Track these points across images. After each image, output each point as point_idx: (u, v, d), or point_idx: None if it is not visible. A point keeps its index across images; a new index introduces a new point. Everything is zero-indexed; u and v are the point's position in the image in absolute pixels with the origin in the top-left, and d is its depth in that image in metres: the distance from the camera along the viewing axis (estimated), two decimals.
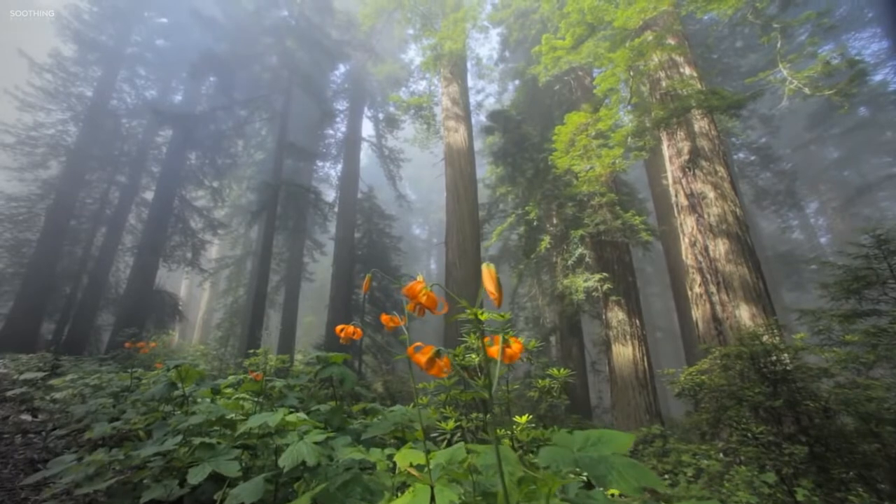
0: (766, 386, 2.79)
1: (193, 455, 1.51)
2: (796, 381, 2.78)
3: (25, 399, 3.19)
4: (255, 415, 1.48)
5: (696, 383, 3.21)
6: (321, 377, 1.59)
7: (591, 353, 11.32)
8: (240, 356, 10.77)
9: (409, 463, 1.07)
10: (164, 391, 1.91)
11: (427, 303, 0.97)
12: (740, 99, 5.93)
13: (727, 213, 6.33)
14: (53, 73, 14.64)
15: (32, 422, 2.95)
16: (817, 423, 2.57)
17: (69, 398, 2.98)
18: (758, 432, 2.52)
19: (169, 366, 1.95)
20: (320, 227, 17.79)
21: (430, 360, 0.91)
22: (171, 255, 14.44)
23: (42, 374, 3.67)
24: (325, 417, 1.65)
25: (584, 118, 8.22)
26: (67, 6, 14.88)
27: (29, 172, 14.39)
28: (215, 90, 15.12)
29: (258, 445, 1.62)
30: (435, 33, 12.28)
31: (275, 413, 1.43)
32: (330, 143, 18.94)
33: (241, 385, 1.97)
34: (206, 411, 1.66)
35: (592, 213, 9.45)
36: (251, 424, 1.39)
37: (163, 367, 2.01)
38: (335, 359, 1.85)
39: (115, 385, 3.13)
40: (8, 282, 13.09)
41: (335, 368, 1.74)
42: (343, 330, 1.49)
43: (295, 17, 14.57)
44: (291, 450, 1.31)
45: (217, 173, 15.73)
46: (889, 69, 18.43)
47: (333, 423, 1.61)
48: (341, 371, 1.73)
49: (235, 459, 1.46)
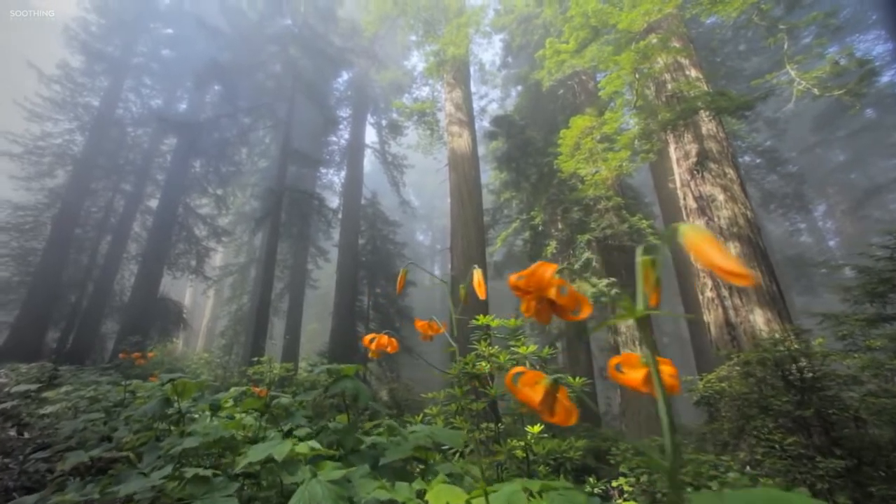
0: (793, 394, 2.65)
1: (185, 490, 1.30)
2: (825, 389, 2.64)
3: (12, 415, 3.00)
4: (257, 445, 1.28)
5: (716, 391, 3.08)
6: (332, 392, 1.43)
7: (598, 360, 11.14)
8: (244, 364, 10.68)
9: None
10: (158, 408, 1.75)
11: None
12: (749, 100, 5.85)
13: (738, 216, 6.21)
14: (61, 84, 14.83)
15: (19, 439, 2.78)
16: (847, 433, 2.44)
17: (62, 412, 2.83)
18: (787, 444, 2.39)
19: (164, 380, 1.78)
20: (324, 233, 17.77)
21: (545, 400, 0.61)
22: (176, 262, 14.44)
23: (36, 385, 3.54)
24: (338, 438, 1.49)
25: (589, 121, 8.16)
26: (76, 19, 15.12)
27: (36, 182, 14.52)
28: (219, 98, 15.24)
29: (262, 472, 1.43)
30: (438, 39, 12.31)
31: (281, 443, 1.22)
32: (333, 149, 18.99)
33: (244, 402, 1.79)
34: (203, 432, 1.49)
35: (598, 218, 9.35)
36: (254, 458, 1.19)
37: (158, 381, 1.85)
38: (347, 371, 1.69)
39: (112, 398, 2.99)
40: (14, 290, 13.12)
41: (348, 383, 1.57)
42: (374, 341, 1.31)
43: (298, 25, 14.70)
44: (303, 491, 1.10)
45: (221, 181, 15.79)
46: (895, 71, 18.30)
47: (346, 445, 1.44)
48: (355, 386, 1.56)
49: (234, 497, 1.25)
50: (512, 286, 0.66)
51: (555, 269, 0.62)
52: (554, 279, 0.61)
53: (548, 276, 0.62)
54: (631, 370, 0.63)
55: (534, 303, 0.64)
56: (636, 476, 3.21)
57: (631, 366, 0.64)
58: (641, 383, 0.61)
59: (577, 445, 2.13)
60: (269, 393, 1.63)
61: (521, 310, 0.69)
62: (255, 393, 1.71)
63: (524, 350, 2.35)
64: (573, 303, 0.62)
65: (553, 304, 0.63)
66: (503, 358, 2.31)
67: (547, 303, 0.63)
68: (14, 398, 3.24)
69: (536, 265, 0.63)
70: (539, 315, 0.65)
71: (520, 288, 0.64)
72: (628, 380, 0.63)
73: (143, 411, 1.76)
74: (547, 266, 0.63)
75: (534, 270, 0.63)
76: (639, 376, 0.62)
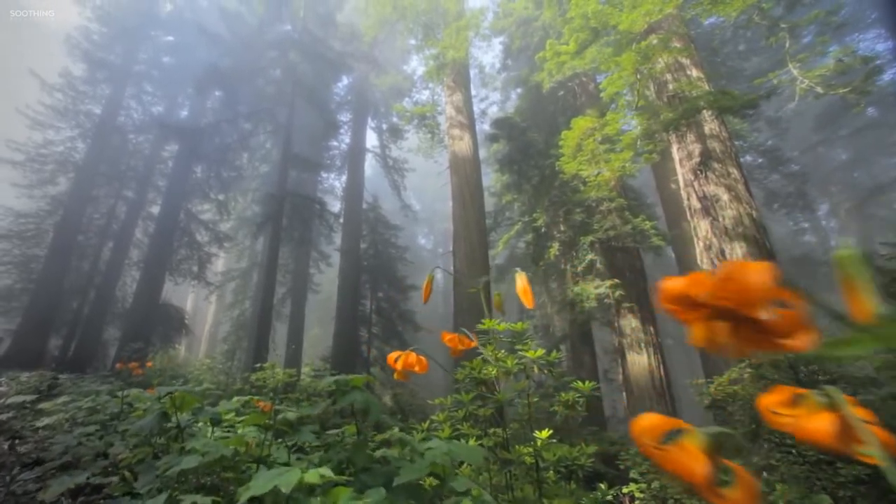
0: None
1: None
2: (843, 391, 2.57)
3: (6, 428, 2.86)
4: (261, 473, 1.16)
5: (728, 394, 3.02)
6: (341, 405, 1.34)
7: (602, 361, 11.05)
8: (246, 370, 10.62)
9: None
10: (155, 423, 1.63)
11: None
12: (752, 99, 5.81)
13: (743, 216, 6.16)
14: (63, 92, 14.90)
15: (11, 454, 2.64)
16: None
17: (59, 424, 2.73)
18: (805, 449, 2.33)
19: (161, 392, 1.67)
20: (326, 238, 17.76)
21: None
22: (178, 268, 14.43)
23: (32, 396, 3.45)
24: (348, 456, 1.37)
25: (590, 123, 8.14)
26: (78, 28, 15.22)
27: (38, 189, 14.57)
28: (220, 104, 15.29)
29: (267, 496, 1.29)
30: (437, 43, 12.33)
31: (288, 471, 1.10)
32: (334, 154, 19.02)
33: (246, 418, 1.66)
34: (202, 450, 1.37)
35: (601, 219, 9.31)
36: (257, 490, 1.07)
37: (154, 393, 1.75)
38: (356, 381, 1.55)
39: (112, 409, 2.89)
40: (16, 298, 13.12)
41: (357, 395, 1.43)
42: (399, 359, 1.14)
43: (298, 30, 14.76)
44: None
45: (222, 186, 15.81)
46: (895, 70, 18.26)
47: (357, 463, 1.33)
48: (365, 399, 1.42)
49: None
50: (671, 298, 0.41)
51: (767, 270, 0.37)
52: (768, 287, 0.36)
53: (759, 282, 0.36)
54: (802, 414, 0.41)
55: (719, 323, 0.41)
56: (647, 482, 3.14)
57: (797, 406, 0.42)
58: (829, 436, 0.39)
59: (588, 451, 2.07)
60: (274, 407, 1.51)
61: (692, 338, 0.43)
62: (259, 408, 1.57)
63: (532, 354, 2.30)
64: (789, 325, 0.38)
65: (758, 326, 0.38)
66: (511, 362, 2.26)
67: (748, 324, 0.39)
68: (10, 409, 3.14)
69: (732, 266, 0.38)
70: (735, 343, 0.41)
71: (689, 301, 0.40)
72: (804, 430, 0.40)
73: (139, 427, 1.65)
74: (752, 267, 0.38)
75: (730, 274, 0.38)
76: (821, 427, 0.39)
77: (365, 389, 1.36)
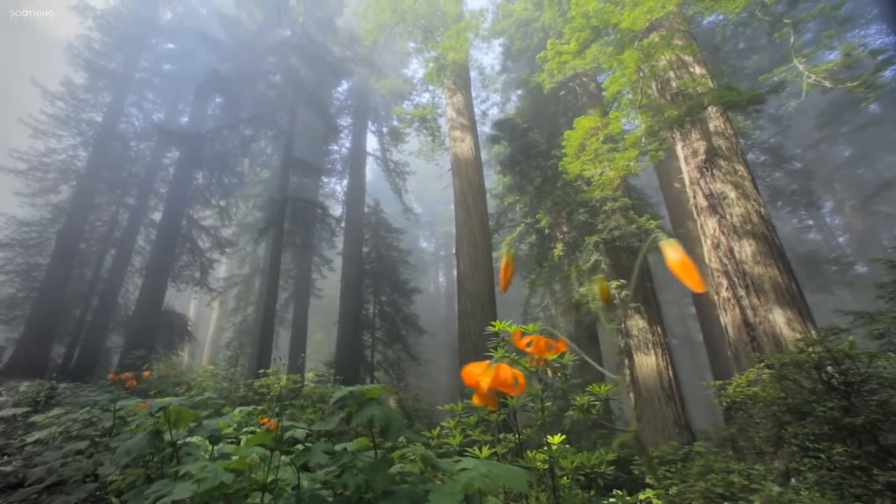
0: (838, 399, 2.46)
1: None
2: (873, 392, 2.47)
3: None
4: None
5: (748, 396, 2.90)
6: (357, 422, 1.19)
7: (607, 362, 10.92)
8: (250, 376, 10.54)
9: None
10: (146, 443, 1.46)
11: None
12: (759, 94, 5.73)
13: (751, 213, 6.06)
14: (65, 101, 14.95)
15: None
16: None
17: (52, 437, 2.58)
18: (836, 454, 2.21)
19: (154, 407, 1.52)
20: (328, 242, 17.71)
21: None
22: (180, 275, 14.40)
23: (24, 409, 3.31)
24: (366, 479, 1.17)
25: (593, 122, 8.06)
26: (79, 37, 15.29)
27: (40, 197, 14.59)
28: (221, 110, 15.31)
29: None
30: (437, 45, 12.31)
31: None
32: (335, 158, 19.01)
33: (249, 438, 1.46)
34: (198, 475, 1.18)
35: (606, 219, 9.21)
36: None
37: (147, 408, 1.60)
38: (371, 392, 1.37)
39: (106, 422, 2.73)
40: (19, 306, 13.10)
41: (375, 408, 1.26)
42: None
43: (298, 35, 14.77)
44: None
45: (224, 192, 15.80)
46: None
47: (377, 487, 1.15)
48: (384, 414, 1.23)
49: None
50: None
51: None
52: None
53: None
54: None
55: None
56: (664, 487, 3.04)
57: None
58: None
59: (608, 458, 1.98)
60: (281, 424, 1.33)
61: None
62: (265, 427, 1.38)
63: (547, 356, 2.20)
64: None
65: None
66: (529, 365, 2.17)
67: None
68: (2, 422, 3.00)
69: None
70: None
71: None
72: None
73: (127, 448, 1.47)
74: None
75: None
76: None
77: (382, 402, 1.21)
